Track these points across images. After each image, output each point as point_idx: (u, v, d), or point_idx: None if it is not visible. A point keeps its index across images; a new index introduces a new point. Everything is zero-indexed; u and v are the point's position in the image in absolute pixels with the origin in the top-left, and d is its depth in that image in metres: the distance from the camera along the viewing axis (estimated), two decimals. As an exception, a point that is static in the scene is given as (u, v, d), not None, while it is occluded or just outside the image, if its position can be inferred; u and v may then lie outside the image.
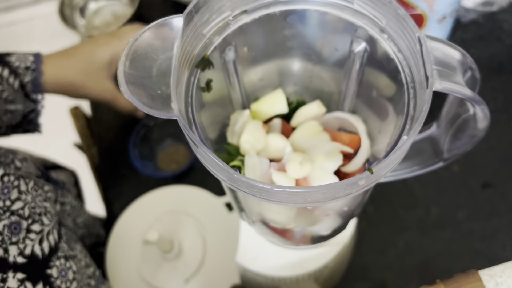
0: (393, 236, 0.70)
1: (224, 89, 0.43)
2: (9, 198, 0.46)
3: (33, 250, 0.46)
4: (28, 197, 0.48)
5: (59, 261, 0.49)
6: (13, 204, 0.46)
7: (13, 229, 0.45)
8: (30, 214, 0.47)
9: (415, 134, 0.31)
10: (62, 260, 0.49)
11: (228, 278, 0.64)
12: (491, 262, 0.66)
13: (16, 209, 0.46)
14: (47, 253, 0.48)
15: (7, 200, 0.46)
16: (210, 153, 0.30)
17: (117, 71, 0.32)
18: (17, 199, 0.47)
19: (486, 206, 0.71)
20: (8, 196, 0.46)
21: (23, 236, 0.46)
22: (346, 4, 0.37)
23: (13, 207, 0.46)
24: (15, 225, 0.45)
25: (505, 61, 0.81)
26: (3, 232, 0.44)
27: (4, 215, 0.45)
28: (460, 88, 0.32)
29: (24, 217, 0.47)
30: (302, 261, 0.51)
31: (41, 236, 0.48)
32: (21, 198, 0.47)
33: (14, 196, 0.47)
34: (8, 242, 0.44)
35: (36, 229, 0.47)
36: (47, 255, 0.47)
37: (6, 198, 0.46)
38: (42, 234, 0.48)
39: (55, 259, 0.48)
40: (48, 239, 0.48)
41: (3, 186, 0.46)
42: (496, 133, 0.76)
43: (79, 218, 0.64)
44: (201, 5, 0.35)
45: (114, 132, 0.83)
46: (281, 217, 0.40)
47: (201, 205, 0.70)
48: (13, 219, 0.45)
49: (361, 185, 0.30)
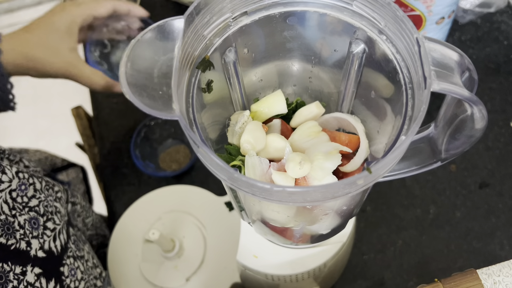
0: (392, 235, 0.70)
1: (225, 89, 0.43)
2: (26, 195, 0.46)
3: (49, 246, 0.47)
4: (42, 195, 0.48)
5: (69, 260, 0.49)
6: (30, 200, 0.46)
7: (33, 223, 0.46)
8: (44, 212, 0.48)
9: (413, 134, 0.31)
10: (71, 260, 0.50)
11: (228, 276, 0.64)
12: (489, 261, 0.67)
13: (33, 205, 0.47)
14: (60, 251, 0.48)
15: (24, 196, 0.46)
16: (210, 152, 0.31)
17: (119, 71, 0.33)
18: (33, 197, 0.47)
19: (483, 205, 0.71)
20: (25, 193, 0.46)
21: (41, 232, 0.46)
22: (345, 5, 0.38)
23: (30, 203, 0.46)
24: (34, 220, 0.46)
25: (502, 62, 0.82)
26: (24, 226, 0.45)
27: (23, 210, 0.45)
28: (457, 89, 0.33)
29: (40, 213, 0.47)
30: (301, 260, 0.51)
31: (54, 234, 0.48)
32: (35, 196, 0.48)
33: (31, 193, 0.47)
34: (30, 236, 0.45)
35: (50, 226, 0.48)
36: (60, 253, 0.48)
37: (23, 194, 0.46)
38: (55, 232, 0.48)
39: (66, 257, 0.49)
40: (60, 238, 0.49)
41: (20, 182, 0.46)
42: (493, 133, 0.76)
43: (87, 218, 0.64)
44: (202, 6, 0.36)
45: (115, 132, 0.84)
46: (280, 216, 0.41)
47: (201, 204, 0.70)
48: (32, 215, 0.46)
49: (359, 184, 0.31)
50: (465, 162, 0.74)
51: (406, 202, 0.72)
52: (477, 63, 0.82)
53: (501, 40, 0.84)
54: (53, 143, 1.66)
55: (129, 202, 0.74)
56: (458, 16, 0.86)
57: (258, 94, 0.47)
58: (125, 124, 0.84)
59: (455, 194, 0.72)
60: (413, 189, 0.73)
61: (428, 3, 0.66)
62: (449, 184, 0.73)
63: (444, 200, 0.72)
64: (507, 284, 0.43)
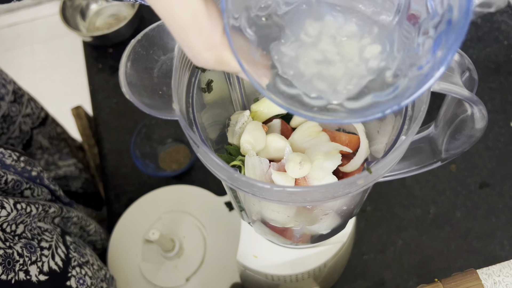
0: (392, 235, 0.70)
1: (225, 89, 0.43)
2: (15, 223, 0.46)
3: (49, 265, 0.47)
4: (28, 219, 0.48)
5: (75, 270, 0.49)
6: (17, 227, 0.46)
7: (29, 248, 0.46)
8: (32, 236, 0.48)
9: (413, 134, 0.31)
10: (77, 269, 0.49)
11: (228, 276, 0.64)
12: (489, 261, 0.67)
13: (20, 232, 0.46)
14: (62, 266, 0.48)
15: (13, 225, 0.46)
16: (210, 152, 0.31)
17: (119, 72, 0.33)
18: (21, 223, 0.47)
19: (483, 205, 0.71)
20: (15, 221, 0.46)
21: (39, 254, 0.46)
22: (345, 5, 0.38)
23: (17, 231, 0.46)
24: (29, 245, 0.46)
25: (502, 62, 0.82)
26: (23, 253, 0.44)
27: (14, 239, 0.45)
28: (458, 89, 0.33)
29: (30, 238, 0.47)
30: (301, 260, 0.51)
31: (52, 251, 0.48)
32: (23, 221, 0.47)
33: (19, 220, 0.47)
34: (29, 262, 0.45)
35: (45, 245, 0.48)
36: (63, 268, 0.48)
37: (13, 223, 0.46)
38: (52, 249, 0.48)
39: (70, 269, 0.49)
40: (58, 253, 0.49)
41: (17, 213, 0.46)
42: (493, 133, 0.76)
43: (88, 226, 0.64)
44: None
45: (115, 132, 0.84)
46: (280, 216, 0.41)
47: (201, 204, 0.70)
48: (24, 242, 0.46)
49: (359, 184, 0.31)
50: (465, 162, 0.74)
51: (406, 202, 0.72)
52: (477, 63, 0.82)
53: (501, 40, 0.84)
54: (53, 143, 1.66)
55: (129, 202, 0.74)
56: (458, 16, 0.86)
57: (258, 94, 0.47)
58: (125, 124, 0.84)
59: (455, 194, 0.72)
60: (413, 189, 0.73)
61: (428, 3, 0.66)
62: (449, 184, 0.73)
63: (444, 200, 0.72)
64: (507, 284, 0.43)
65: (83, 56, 0.94)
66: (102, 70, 0.91)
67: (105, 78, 0.90)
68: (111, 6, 0.99)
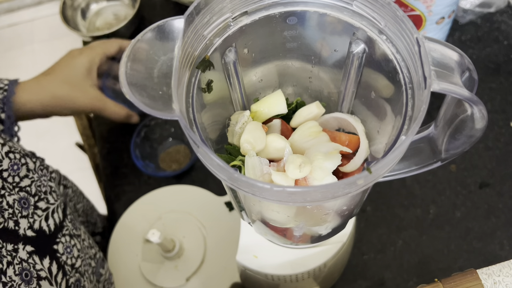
0: (392, 235, 0.70)
1: (225, 90, 0.43)
2: (18, 175, 0.48)
3: (40, 225, 0.48)
4: (35, 175, 0.50)
5: (64, 238, 0.50)
6: (21, 180, 0.48)
7: (22, 203, 0.47)
8: (36, 192, 0.49)
9: (413, 134, 0.31)
10: (67, 237, 0.51)
11: (228, 276, 0.64)
12: (489, 261, 0.67)
13: (24, 186, 0.48)
14: (53, 229, 0.49)
15: (16, 176, 0.47)
16: (210, 152, 0.31)
17: (119, 72, 0.33)
18: (25, 177, 0.48)
19: (483, 205, 0.71)
20: (17, 173, 0.48)
21: (31, 211, 0.47)
22: (345, 5, 0.38)
23: (21, 183, 0.48)
24: (24, 200, 0.47)
25: (502, 62, 0.82)
26: (13, 205, 0.45)
27: (13, 190, 0.46)
28: (457, 89, 0.33)
29: (31, 194, 0.48)
30: (301, 260, 0.51)
31: (47, 213, 0.49)
32: (28, 176, 0.49)
33: (23, 173, 0.48)
34: (19, 215, 0.46)
35: (42, 206, 0.49)
36: (53, 232, 0.49)
37: (15, 174, 0.47)
38: (48, 211, 0.49)
39: (60, 236, 0.50)
40: (53, 217, 0.50)
41: (11, 162, 0.47)
42: (493, 133, 0.76)
43: (78, 204, 0.65)
44: (202, 6, 0.36)
45: (115, 132, 0.84)
46: (280, 216, 0.41)
47: (201, 204, 0.70)
48: (22, 195, 0.47)
49: (359, 184, 0.31)
50: (465, 162, 0.74)
51: (406, 202, 0.72)
52: (477, 63, 0.82)
53: (501, 40, 0.84)
54: (53, 143, 1.66)
55: (129, 202, 0.74)
56: (458, 16, 0.86)
57: (258, 94, 0.47)
58: (125, 124, 0.84)
59: (455, 194, 0.72)
60: (413, 189, 0.73)
61: (428, 3, 0.66)
62: (449, 184, 0.73)
63: (444, 200, 0.72)
64: (507, 284, 0.43)
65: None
66: (102, 70, 0.91)
67: (105, 78, 0.90)
68: (111, 6, 0.99)
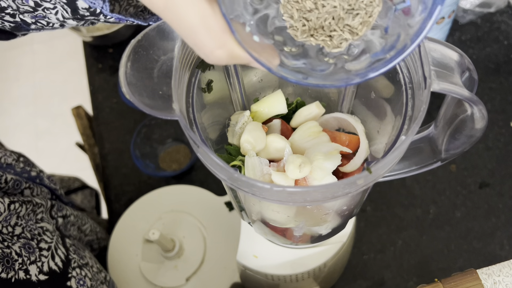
0: (392, 235, 0.70)
1: (225, 90, 0.43)
2: (10, 224, 0.46)
3: (49, 266, 0.47)
4: (23, 221, 0.48)
5: (75, 271, 0.49)
6: (14, 229, 0.46)
7: (27, 248, 0.46)
8: (32, 236, 0.48)
9: (413, 134, 0.31)
10: (77, 270, 0.50)
11: (228, 276, 0.64)
12: (489, 261, 0.67)
13: (19, 233, 0.47)
14: (62, 266, 0.48)
15: (8, 226, 0.46)
16: (211, 152, 0.31)
17: (119, 72, 0.33)
18: (16, 225, 0.47)
19: (483, 205, 0.71)
20: (9, 222, 0.46)
21: (38, 255, 0.46)
22: (345, 5, 0.38)
23: (15, 232, 0.46)
24: (28, 245, 0.46)
25: (502, 62, 0.82)
26: (21, 253, 0.45)
27: (13, 239, 0.45)
28: (457, 89, 0.33)
29: (29, 238, 0.47)
30: (301, 260, 0.51)
31: (51, 252, 0.48)
32: (18, 223, 0.47)
33: (13, 222, 0.47)
34: (28, 262, 0.45)
35: (44, 246, 0.48)
36: (62, 269, 0.48)
37: (7, 224, 0.46)
38: (51, 250, 0.48)
39: (70, 270, 0.49)
40: (58, 254, 0.49)
41: (9, 213, 0.46)
42: (493, 133, 0.76)
43: (84, 226, 0.64)
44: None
45: (115, 132, 0.84)
46: (280, 216, 0.41)
47: (201, 204, 0.70)
48: (23, 241, 0.46)
49: (359, 184, 0.31)
50: (465, 162, 0.74)
51: (406, 202, 0.72)
52: (477, 63, 0.82)
53: (501, 40, 0.84)
54: (53, 143, 1.66)
55: (129, 202, 0.74)
56: (458, 16, 0.86)
57: (258, 94, 0.47)
58: (125, 124, 0.84)
59: (455, 194, 0.72)
60: (413, 189, 0.73)
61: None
62: (449, 184, 0.73)
63: (444, 200, 0.72)
64: (507, 284, 0.43)
65: (83, 56, 0.94)
66: (102, 70, 0.91)
67: (105, 78, 0.90)
68: (111, 6, 0.98)
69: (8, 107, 1.75)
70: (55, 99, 1.74)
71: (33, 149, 1.64)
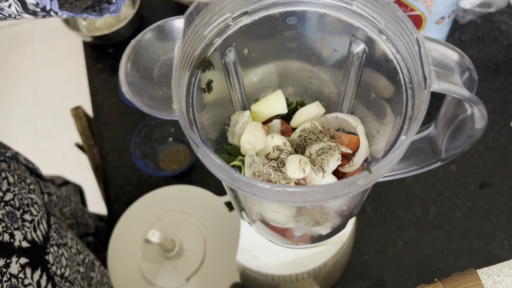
0: (392, 235, 0.70)
1: (225, 90, 0.43)
2: (1, 189, 0.47)
3: (32, 236, 0.48)
4: (16, 188, 0.49)
5: (52, 248, 0.50)
6: (5, 195, 0.47)
7: (10, 217, 0.46)
8: (20, 205, 0.49)
9: (413, 134, 0.31)
10: (55, 247, 0.50)
11: (228, 276, 0.64)
12: (489, 261, 0.67)
13: (8, 200, 0.47)
14: (42, 240, 0.49)
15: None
16: (210, 152, 0.31)
17: (119, 72, 0.33)
18: (7, 191, 0.48)
19: (483, 205, 0.71)
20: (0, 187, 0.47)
21: (20, 224, 0.47)
22: (345, 5, 0.38)
23: (5, 197, 0.47)
24: (11, 214, 0.47)
25: (502, 62, 0.82)
26: (4, 219, 0.45)
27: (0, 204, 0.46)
28: (457, 89, 0.33)
29: (16, 207, 0.48)
30: (301, 260, 0.51)
31: (34, 224, 0.49)
32: (10, 190, 0.48)
33: (5, 187, 0.48)
34: (12, 228, 0.45)
35: (28, 218, 0.49)
36: (42, 242, 0.49)
37: None
38: (34, 223, 0.49)
39: (49, 246, 0.50)
40: (40, 228, 0.50)
41: None
42: (493, 133, 0.76)
43: (65, 208, 0.64)
44: (202, 6, 0.36)
45: (115, 132, 0.84)
46: (280, 216, 0.41)
47: (201, 204, 0.70)
48: (8, 209, 0.47)
49: (359, 184, 0.31)
50: (465, 162, 0.74)
51: (406, 202, 0.72)
52: (477, 63, 0.82)
53: (501, 40, 0.84)
54: (53, 143, 1.66)
55: (129, 202, 0.74)
56: (458, 16, 0.86)
57: (258, 94, 0.47)
58: (125, 124, 0.84)
59: (455, 194, 0.72)
60: (413, 189, 0.73)
61: (428, 3, 0.66)
62: (449, 184, 0.73)
63: (444, 200, 0.72)
64: (507, 284, 0.43)
65: (83, 56, 0.94)
66: (102, 70, 0.91)
67: (105, 78, 0.90)
68: (111, 6, 0.98)
69: (8, 107, 1.75)
70: (55, 99, 1.74)
71: (33, 149, 1.64)
